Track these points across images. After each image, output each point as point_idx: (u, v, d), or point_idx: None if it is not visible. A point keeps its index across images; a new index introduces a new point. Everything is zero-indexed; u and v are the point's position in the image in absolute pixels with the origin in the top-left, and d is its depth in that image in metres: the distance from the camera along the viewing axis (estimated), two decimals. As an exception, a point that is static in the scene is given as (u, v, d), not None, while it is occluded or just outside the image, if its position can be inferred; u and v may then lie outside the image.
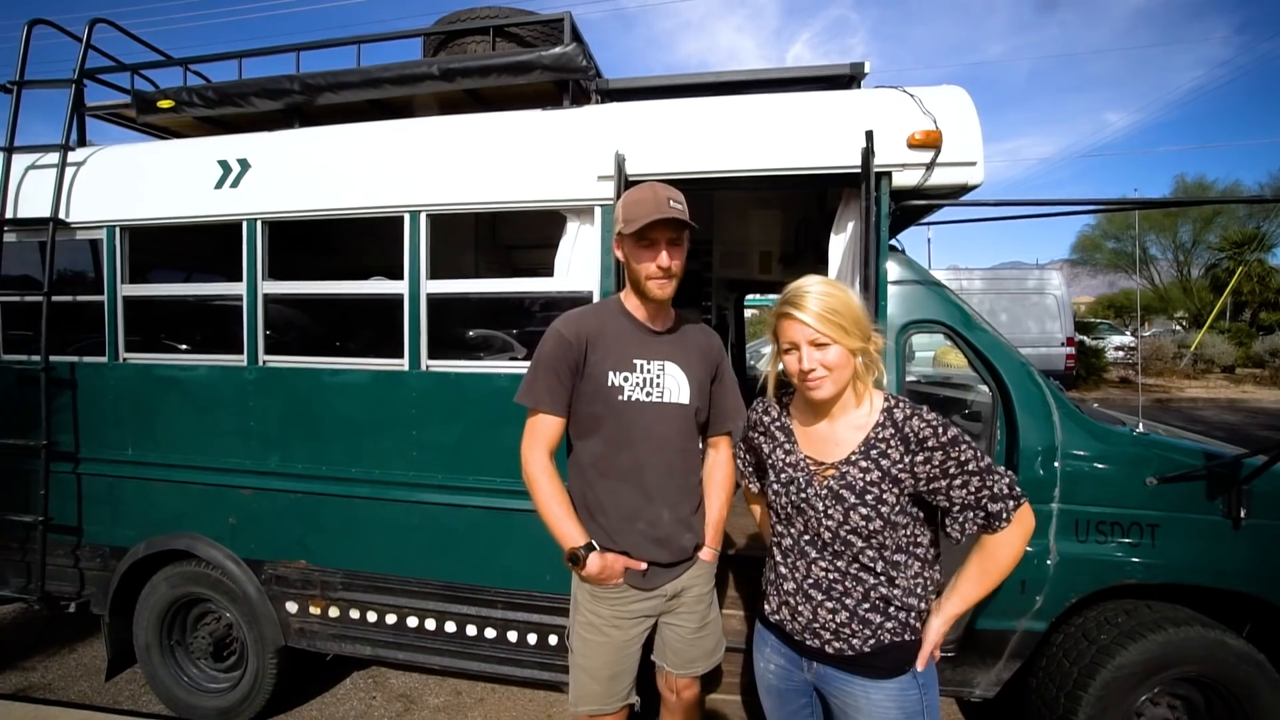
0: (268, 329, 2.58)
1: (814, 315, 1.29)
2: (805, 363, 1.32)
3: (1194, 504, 2.10)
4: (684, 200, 1.62)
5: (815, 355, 1.31)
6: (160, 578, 2.72)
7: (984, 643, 2.19)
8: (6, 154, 2.77)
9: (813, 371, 1.32)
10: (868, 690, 1.34)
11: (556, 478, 1.66)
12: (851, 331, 1.30)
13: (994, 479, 1.29)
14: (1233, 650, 2.02)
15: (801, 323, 1.30)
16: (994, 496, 1.29)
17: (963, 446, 1.28)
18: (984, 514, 1.30)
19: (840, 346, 1.30)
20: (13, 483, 2.79)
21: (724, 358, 1.81)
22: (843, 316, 1.30)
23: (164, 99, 2.80)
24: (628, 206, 1.62)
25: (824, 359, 1.31)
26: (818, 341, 1.31)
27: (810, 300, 1.31)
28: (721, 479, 1.80)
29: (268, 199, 2.53)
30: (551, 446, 1.67)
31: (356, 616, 2.54)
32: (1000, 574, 1.35)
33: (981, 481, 1.28)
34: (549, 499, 1.63)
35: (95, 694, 2.95)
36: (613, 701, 1.70)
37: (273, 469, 2.57)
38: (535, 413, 1.66)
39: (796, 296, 1.32)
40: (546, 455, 1.66)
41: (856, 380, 1.37)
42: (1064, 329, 9.93)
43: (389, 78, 2.55)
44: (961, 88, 2.18)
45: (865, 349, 1.34)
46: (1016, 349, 2.22)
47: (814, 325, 1.29)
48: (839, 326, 1.29)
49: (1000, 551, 1.33)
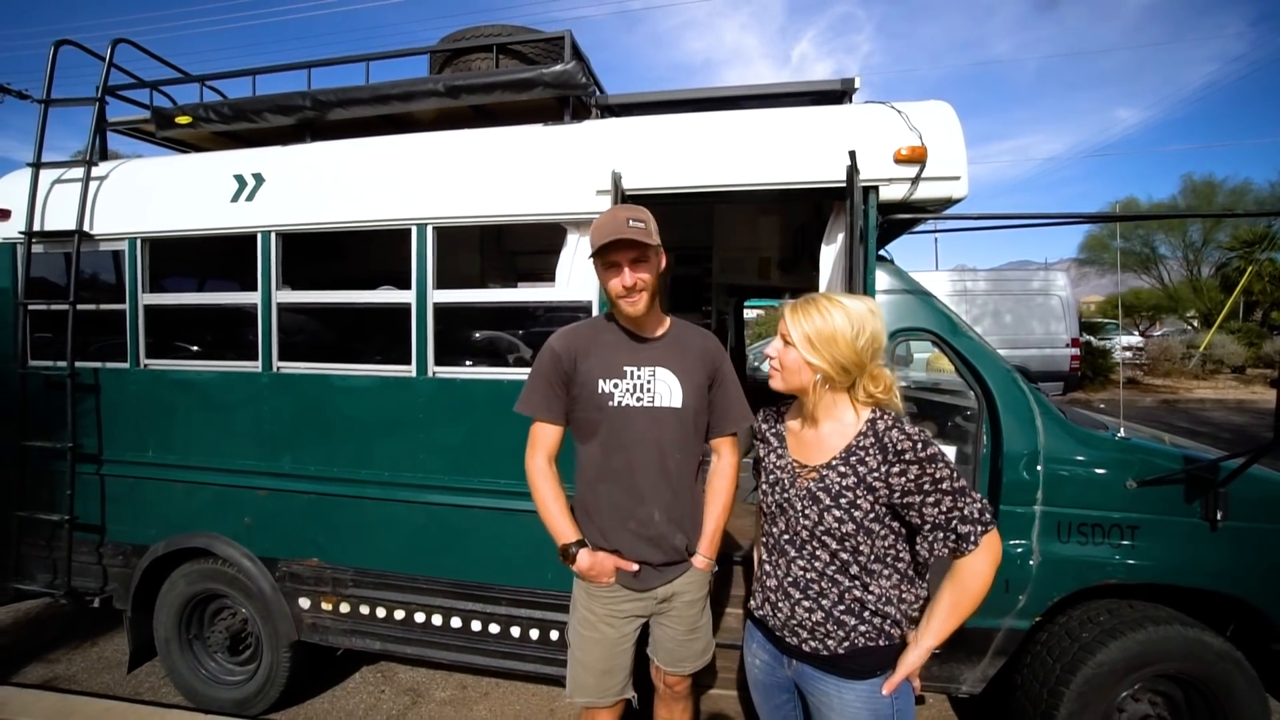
0: (281, 335, 2.69)
1: (790, 317, 1.43)
2: (770, 349, 1.50)
3: (1173, 506, 2.17)
4: (648, 219, 1.68)
5: (777, 347, 1.47)
6: (179, 574, 2.83)
7: (969, 640, 2.26)
8: (34, 169, 2.89)
9: (770, 360, 1.49)
10: (840, 690, 1.40)
11: (553, 480, 1.76)
12: (820, 350, 1.38)
13: (966, 501, 1.32)
14: (1211, 648, 2.09)
15: (784, 317, 1.46)
16: (964, 519, 1.31)
17: (939, 464, 1.33)
18: (954, 536, 1.32)
19: (798, 353, 1.41)
20: (40, 483, 2.92)
21: (723, 360, 1.85)
22: (819, 336, 1.38)
23: (182, 115, 2.92)
24: (593, 231, 1.70)
25: (781, 355, 1.45)
26: (785, 337, 1.45)
27: (803, 307, 1.42)
28: (721, 487, 1.84)
29: (281, 212, 2.64)
30: (550, 452, 1.77)
31: (366, 612, 2.64)
32: (971, 604, 1.36)
33: (954, 502, 1.32)
34: (546, 499, 1.75)
35: (117, 686, 3.07)
36: (606, 696, 1.78)
37: (286, 470, 2.68)
38: (535, 421, 1.78)
39: (805, 299, 1.45)
40: (545, 460, 1.77)
41: (851, 396, 1.44)
42: (1069, 330, 9.89)
43: (396, 94, 2.65)
44: (947, 103, 2.26)
45: (830, 374, 1.39)
46: (1001, 355, 2.30)
47: (788, 322, 1.44)
48: (807, 338, 1.39)
49: (970, 581, 1.34)
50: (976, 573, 1.34)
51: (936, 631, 1.38)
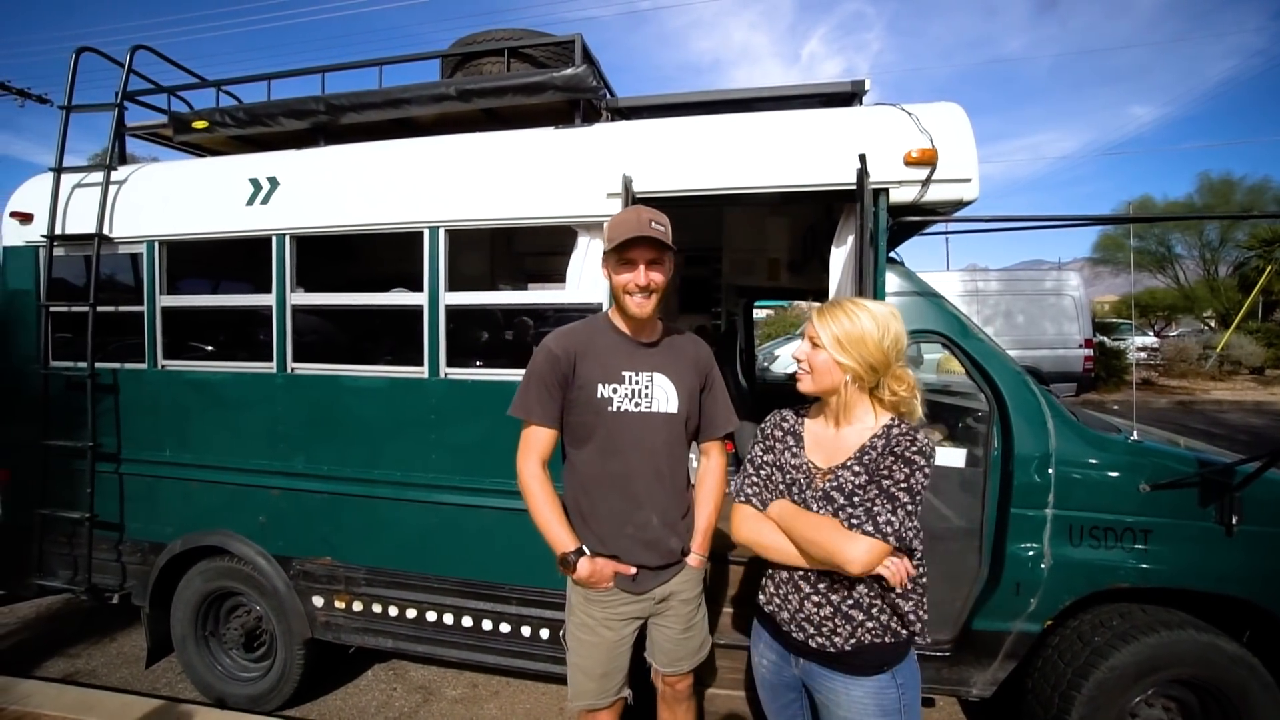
0: (295, 337, 2.72)
1: (818, 320, 1.46)
2: (798, 352, 1.50)
3: (1187, 510, 2.15)
4: (667, 223, 1.70)
5: (806, 351, 1.49)
6: (195, 572, 2.88)
7: (980, 643, 2.26)
8: (56, 174, 2.95)
9: (799, 364, 1.49)
10: (848, 686, 1.43)
11: (548, 485, 1.75)
12: (849, 350, 1.42)
13: (889, 507, 1.35)
14: (1226, 653, 2.07)
15: (811, 321, 1.49)
16: (869, 513, 1.36)
17: (910, 471, 1.36)
18: (853, 513, 1.38)
19: (827, 355, 1.43)
20: (62, 481, 2.97)
21: (713, 367, 1.88)
22: (847, 338, 1.42)
23: (198, 119, 2.96)
24: (612, 226, 1.71)
25: (810, 357, 1.47)
26: (814, 340, 1.46)
27: (830, 311, 1.46)
28: (711, 486, 1.87)
29: (296, 215, 2.68)
30: (544, 456, 1.76)
31: (379, 611, 2.67)
32: (794, 549, 1.46)
33: (878, 495, 1.37)
34: (541, 506, 1.73)
35: (135, 680, 3.13)
36: (605, 697, 1.80)
37: (300, 470, 2.71)
38: (528, 424, 1.76)
39: (830, 303, 1.49)
40: (539, 464, 1.75)
41: (873, 399, 1.48)
42: (1082, 330, 9.79)
43: (408, 98, 2.68)
44: (958, 105, 2.25)
45: (860, 373, 1.43)
46: (1011, 358, 2.29)
47: (816, 325, 1.46)
48: (836, 340, 1.42)
49: (818, 533, 1.40)
50: (832, 539, 1.37)
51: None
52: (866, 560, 1.33)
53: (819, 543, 1.38)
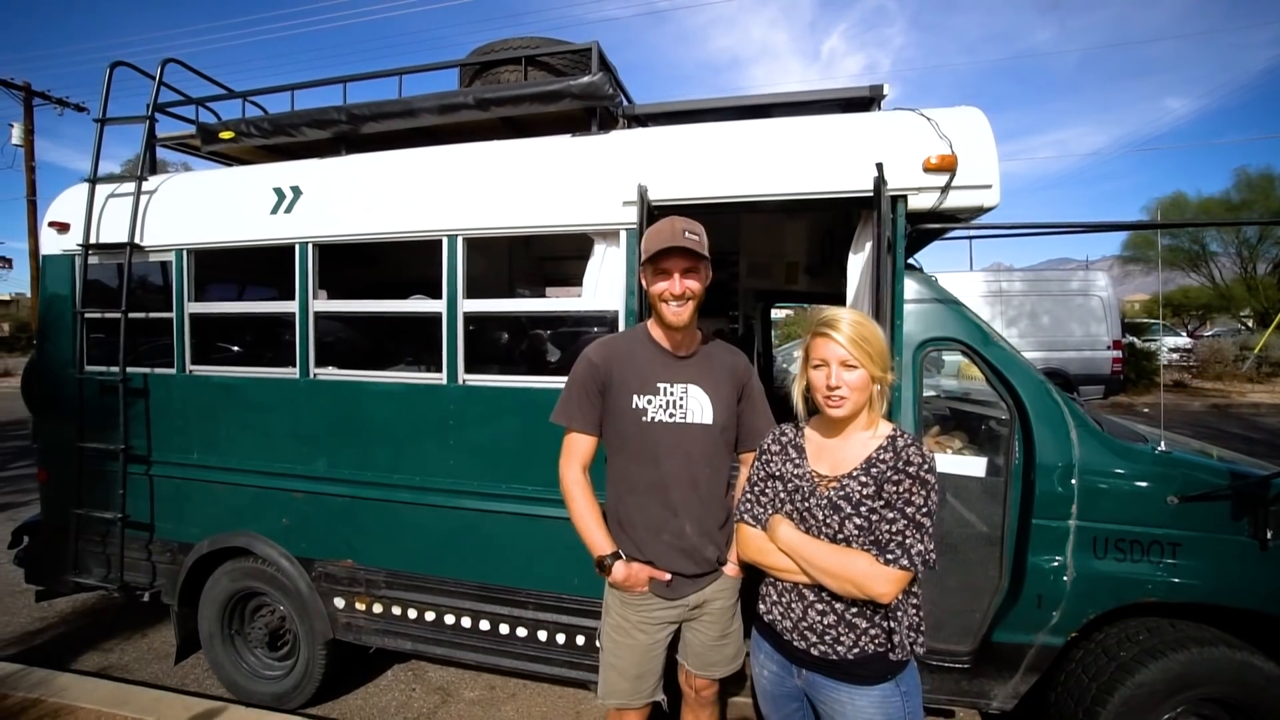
0: (317, 342, 2.78)
1: (848, 339, 1.43)
2: (833, 379, 1.44)
3: (1218, 524, 2.09)
4: (702, 233, 1.73)
5: (843, 375, 1.44)
6: (222, 572, 2.96)
7: (1000, 655, 2.22)
8: (91, 185, 3.05)
9: (838, 389, 1.44)
10: (853, 696, 1.43)
11: (589, 491, 1.79)
12: (876, 361, 1.44)
13: (917, 538, 1.35)
14: (1262, 673, 2.00)
15: (836, 343, 1.44)
16: (903, 547, 1.35)
17: (926, 491, 1.37)
18: (882, 549, 1.37)
19: (864, 371, 1.43)
20: (95, 483, 3.08)
21: (751, 376, 1.88)
22: (871, 346, 1.43)
23: (225, 130, 3.04)
24: (648, 237, 1.75)
25: (849, 380, 1.44)
26: (847, 363, 1.44)
27: (846, 325, 1.44)
28: None
29: (318, 224, 2.73)
30: (585, 462, 1.81)
31: (398, 613, 2.71)
32: (833, 576, 1.40)
33: (905, 527, 1.36)
34: (582, 511, 1.78)
35: (165, 676, 3.22)
36: (638, 698, 1.82)
37: (322, 474, 2.77)
38: (570, 431, 1.81)
39: (834, 320, 1.46)
40: (580, 470, 1.80)
41: (870, 407, 1.49)
42: (1110, 332, 9.55)
43: (428, 107, 2.72)
44: (978, 109, 2.21)
45: (883, 379, 1.46)
46: (1033, 365, 2.24)
47: (847, 348, 1.43)
48: (867, 354, 1.43)
49: (856, 571, 1.37)
50: (867, 573, 1.36)
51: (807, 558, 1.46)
52: (898, 590, 1.37)
53: (845, 577, 1.38)
